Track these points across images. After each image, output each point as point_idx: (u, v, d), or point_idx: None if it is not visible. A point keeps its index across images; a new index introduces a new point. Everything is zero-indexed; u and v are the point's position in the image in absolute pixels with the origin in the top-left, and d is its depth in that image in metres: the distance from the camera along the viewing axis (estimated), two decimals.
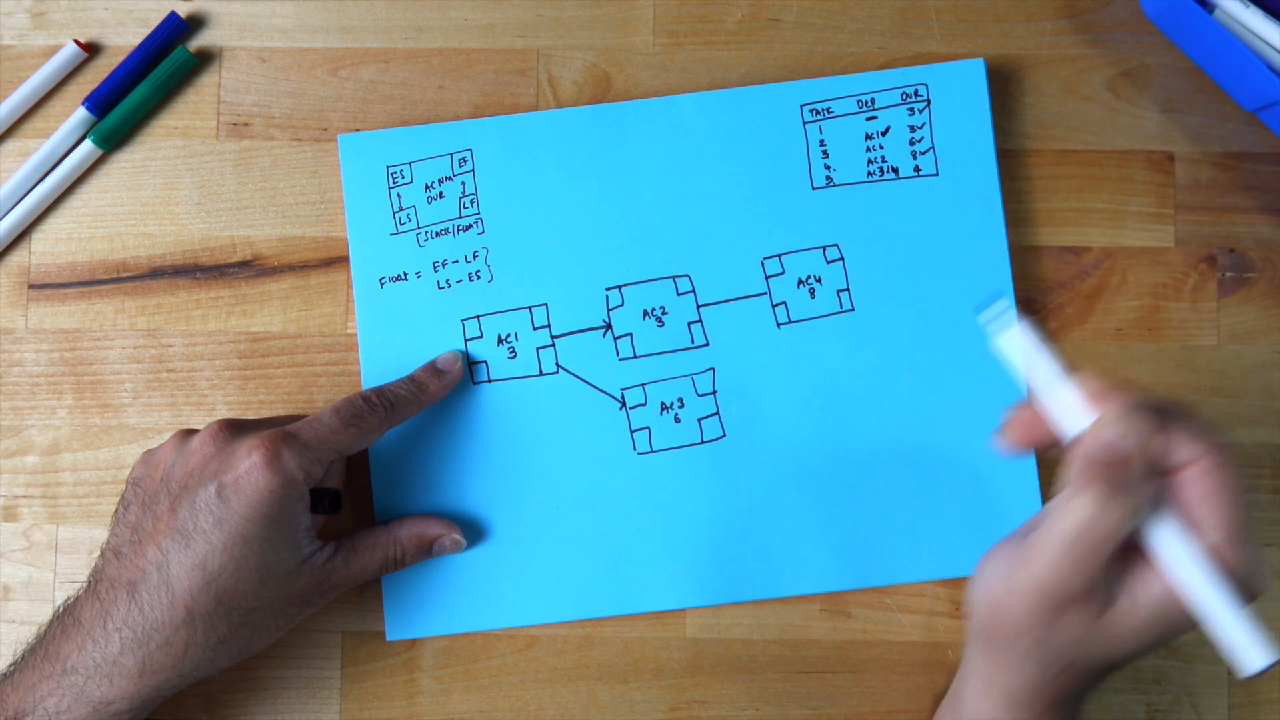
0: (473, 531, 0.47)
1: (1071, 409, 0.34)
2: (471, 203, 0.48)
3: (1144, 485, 0.33)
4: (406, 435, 0.47)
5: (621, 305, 0.48)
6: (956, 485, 0.47)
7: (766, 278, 0.48)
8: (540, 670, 0.47)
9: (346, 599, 0.47)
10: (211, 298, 0.49)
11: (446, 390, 0.46)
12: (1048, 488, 0.47)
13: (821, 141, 0.48)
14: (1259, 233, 0.48)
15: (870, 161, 0.48)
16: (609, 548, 0.47)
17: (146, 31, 0.50)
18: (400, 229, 0.48)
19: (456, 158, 0.48)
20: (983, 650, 0.39)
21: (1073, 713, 0.38)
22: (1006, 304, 0.35)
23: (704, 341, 0.48)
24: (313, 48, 0.50)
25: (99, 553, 0.42)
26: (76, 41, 0.49)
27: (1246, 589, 0.33)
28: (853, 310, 0.48)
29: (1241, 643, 0.30)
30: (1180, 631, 0.34)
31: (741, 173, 0.48)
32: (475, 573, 0.47)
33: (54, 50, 0.49)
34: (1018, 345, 0.34)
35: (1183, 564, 0.32)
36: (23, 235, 0.49)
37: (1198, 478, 0.33)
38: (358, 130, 0.49)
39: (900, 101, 0.48)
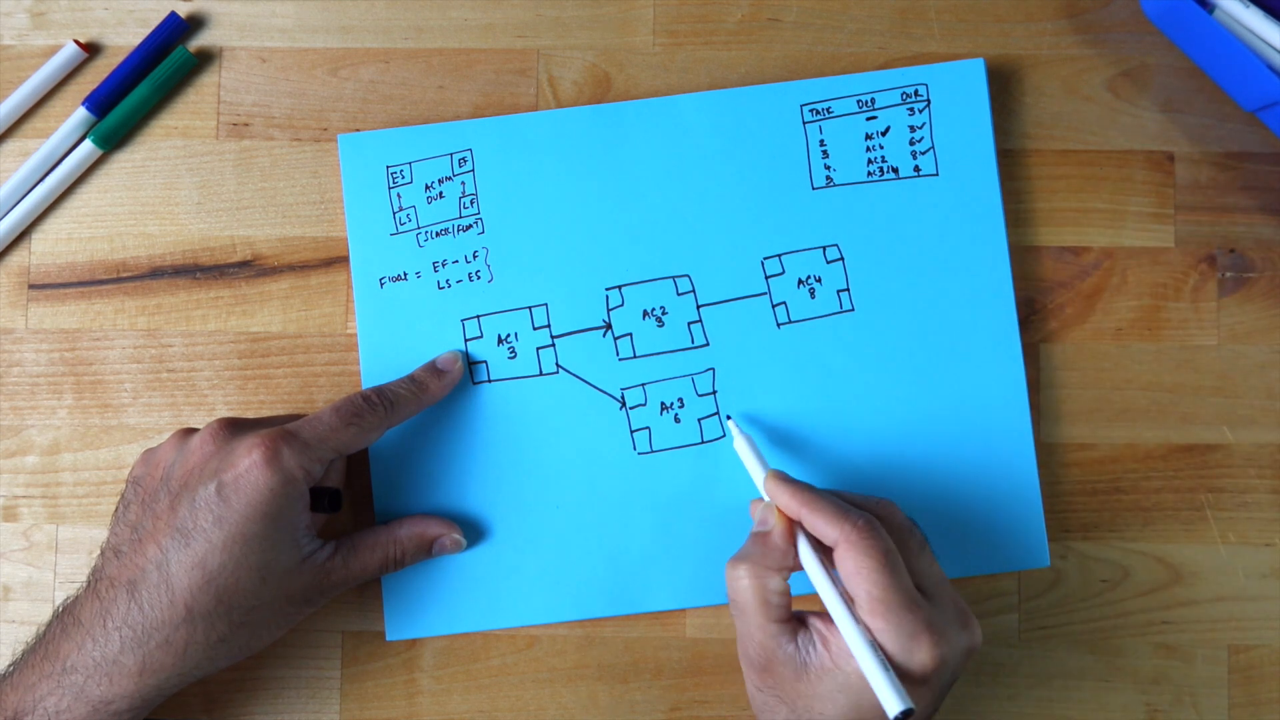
0: (473, 531, 0.47)
1: (764, 495, 0.42)
2: (471, 203, 0.48)
3: (784, 550, 0.40)
4: (406, 435, 0.47)
5: (621, 305, 0.48)
6: (956, 485, 0.47)
7: (766, 278, 0.48)
8: (540, 670, 0.47)
9: (346, 599, 0.47)
10: (211, 298, 0.49)
11: (446, 390, 0.46)
12: (1047, 486, 0.47)
13: (821, 141, 0.48)
14: (1259, 233, 0.48)
15: (870, 161, 0.48)
16: (609, 548, 0.47)
17: (146, 31, 0.50)
18: (400, 229, 0.48)
19: (456, 158, 0.48)
20: None
21: None
22: (733, 421, 0.46)
23: (704, 341, 0.48)
24: (313, 48, 0.50)
25: (99, 552, 0.42)
26: (76, 41, 0.49)
27: (902, 654, 0.37)
28: (853, 310, 0.48)
29: (883, 694, 0.36)
30: (866, 690, 0.37)
31: (741, 173, 0.48)
32: (475, 573, 0.47)
33: (54, 50, 0.49)
34: (742, 449, 0.44)
35: (842, 625, 0.38)
36: (23, 235, 0.49)
37: (841, 558, 0.38)
38: (358, 130, 0.49)
39: (900, 101, 0.48)
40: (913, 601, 0.37)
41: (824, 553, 0.40)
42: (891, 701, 0.36)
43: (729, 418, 0.47)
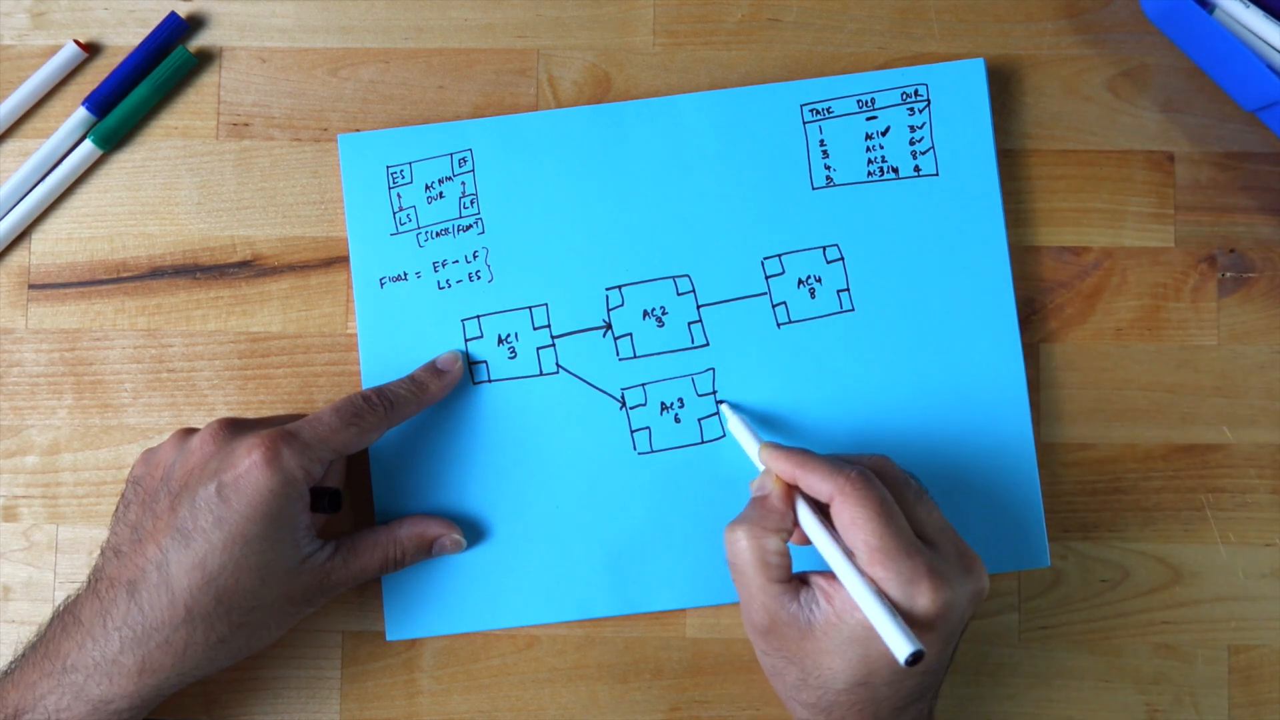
0: (473, 531, 0.47)
1: (759, 466, 0.43)
2: (471, 203, 0.48)
3: (782, 512, 0.40)
4: (406, 435, 0.47)
5: (621, 305, 0.48)
6: (956, 484, 0.47)
7: (766, 278, 0.48)
8: (540, 670, 0.47)
9: (346, 599, 0.47)
10: (211, 298, 0.49)
11: (446, 390, 0.46)
12: (1048, 485, 0.47)
13: (821, 141, 0.48)
14: (1259, 233, 0.48)
15: (870, 161, 0.48)
16: (609, 548, 0.47)
17: (146, 31, 0.50)
18: (400, 229, 0.48)
19: (456, 158, 0.48)
20: None
21: None
22: (726, 404, 0.47)
23: (704, 341, 0.48)
24: (313, 48, 0.50)
25: (99, 552, 0.42)
26: (76, 41, 0.49)
27: (906, 601, 0.37)
28: (853, 310, 0.48)
29: (891, 638, 0.36)
30: (874, 640, 0.37)
31: (741, 173, 0.48)
32: (475, 573, 0.47)
33: (54, 50, 0.49)
34: (736, 429, 0.45)
35: (843, 575, 0.38)
36: (23, 235, 0.49)
37: (837, 511, 0.39)
38: (358, 130, 0.49)
39: (900, 101, 0.48)
40: (912, 548, 0.38)
41: (822, 512, 0.40)
42: (900, 645, 0.35)
43: (721, 402, 0.47)
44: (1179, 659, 0.47)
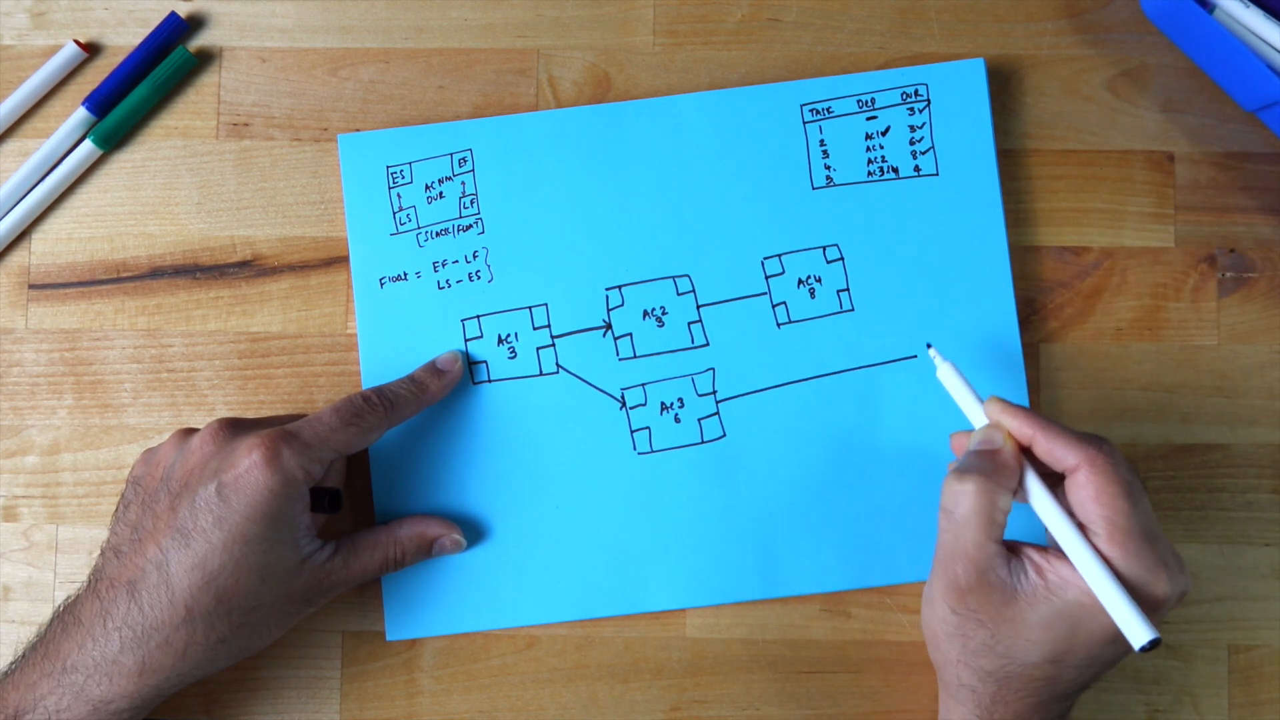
0: (473, 531, 0.47)
1: (976, 422, 0.41)
2: (471, 203, 0.48)
3: (1014, 470, 0.39)
4: (406, 435, 0.47)
5: (621, 305, 0.48)
6: None
7: (766, 278, 0.48)
8: (540, 670, 0.47)
9: (346, 599, 0.47)
10: (211, 298, 0.49)
11: (446, 390, 0.46)
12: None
13: (821, 141, 0.48)
14: (1259, 233, 0.48)
15: (870, 161, 0.48)
16: (609, 548, 0.47)
17: (146, 31, 0.50)
18: (400, 229, 0.48)
19: (456, 158, 0.48)
20: (941, 695, 0.42)
21: None
22: (935, 350, 0.43)
23: (704, 341, 0.48)
24: (313, 48, 0.50)
25: (99, 552, 0.42)
26: (76, 41, 0.49)
27: (1144, 587, 0.36)
28: (853, 310, 0.48)
29: (1127, 624, 0.35)
30: (1086, 621, 0.36)
31: (741, 173, 0.48)
32: (475, 573, 0.47)
33: (54, 50, 0.49)
34: (949, 379, 0.43)
35: (1075, 551, 0.37)
36: (23, 235, 0.49)
37: (1081, 483, 0.37)
38: (358, 130, 0.49)
39: (900, 101, 0.48)
40: (1155, 533, 0.37)
41: (1049, 481, 0.39)
42: (1138, 631, 0.34)
43: (929, 345, 0.44)
44: (1179, 659, 0.47)
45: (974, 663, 0.39)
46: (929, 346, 0.44)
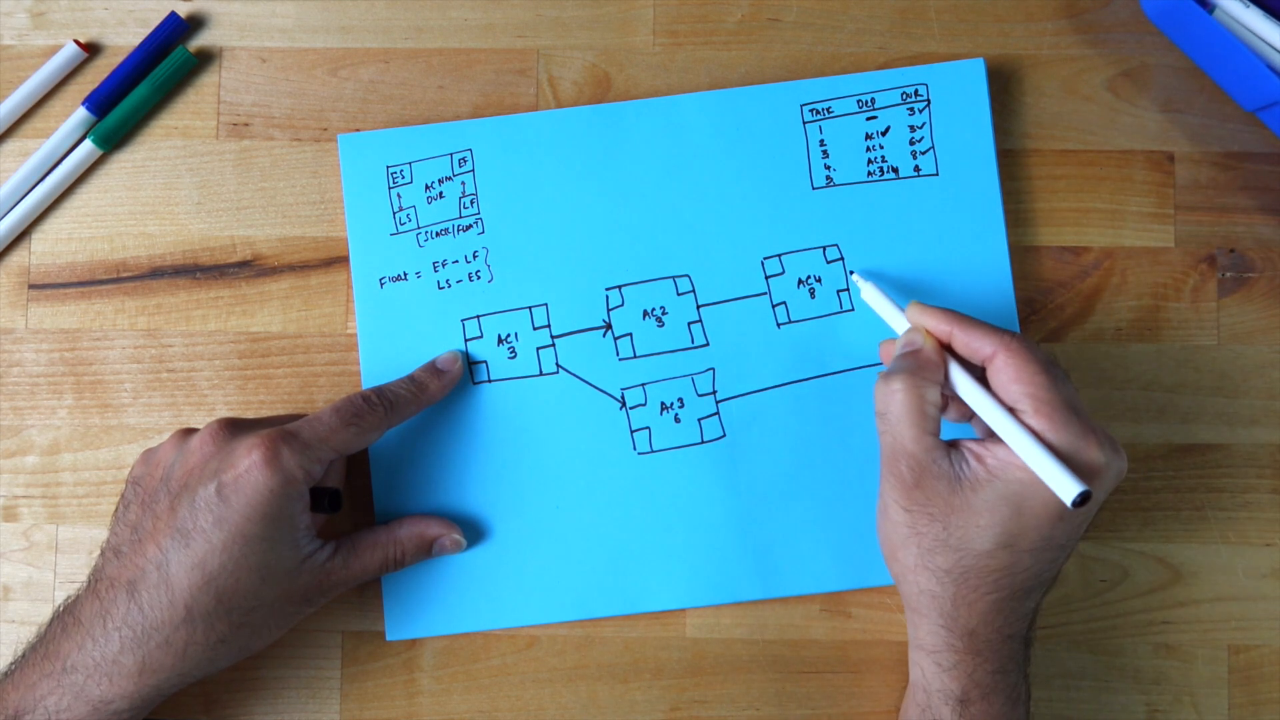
0: (473, 531, 0.47)
1: (899, 329, 0.43)
2: (471, 203, 0.48)
3: (937, 364, 0.41)
4: (406, 435, 0.47)
5: (621, 305, 0.48)
6: None
7: (766, 278, 0.48)
8: (540, 670, 0.47)
9: (346, 599, 0.47)
10: (211, 298, 0.49)
11: (446, 390, 0.46)
12: None
13: (821, 141, 0.48)
14: (1259, 233, 0.48)
15: (870, 161, 0.48)
16: (609, 548, 0.47)
17: (146, 31, 0.50)
18: (400, 229, 0.48)
19: (456, 158, 0.48)
20: (907, 615, 0.43)
21: (1008, 658, 0.40)
22: (857, 274, 0.47)
23: (704, 341, 0.48)
24: (313, 48, 0.50)
25: (99, 552, 0.42)
26: (76, 41, 0.49)
27: (1076, 454, 0.37)
28: (853, 310, 0.48)
29: (1057, 480, 0.36)
30: (1029, 498, 0.38)
31: (741, 173, 0.48)
32: (475, 573, 0.47)
33: (54, 50, 0.49)
34: (871, 295, 0.45)
35: (1003, 427, 0.38)
36: (23, 235, 0.49)
37: (1000, 367, 0.39)
38: (358, 130, 0.49)
39: (900, 101, 0.48)
40: (1078, 406, 0.38)
41: (972, 372, 0.41)
42: (1067, 486, 0.35)
43: (852, 272, 0.47)
44: (1179, 659, 0.47)
45: (930, 562, 0.40)
46: (852, 273, 0.47)
